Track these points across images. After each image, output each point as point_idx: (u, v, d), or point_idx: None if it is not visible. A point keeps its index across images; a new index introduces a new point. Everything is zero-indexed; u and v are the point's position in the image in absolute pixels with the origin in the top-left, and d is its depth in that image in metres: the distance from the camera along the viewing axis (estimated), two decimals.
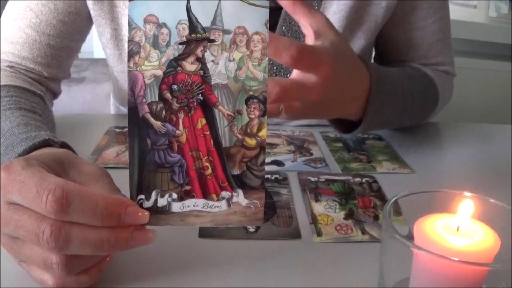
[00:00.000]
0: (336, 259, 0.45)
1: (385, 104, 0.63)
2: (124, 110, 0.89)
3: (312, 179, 0.60)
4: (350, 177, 0.61)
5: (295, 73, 0.53)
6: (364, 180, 0.60)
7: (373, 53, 0.88)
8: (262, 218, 0.40)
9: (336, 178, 0.61)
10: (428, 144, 0.75)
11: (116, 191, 0.39)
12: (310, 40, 0.54)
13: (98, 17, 0.70)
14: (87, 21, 0.72)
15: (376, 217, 0.52)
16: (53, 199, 0.34)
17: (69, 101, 1.77)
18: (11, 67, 0.67)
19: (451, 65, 0.84)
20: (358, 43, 0.75)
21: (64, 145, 0.48)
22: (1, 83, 0.61)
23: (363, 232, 0.49)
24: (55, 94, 0.73)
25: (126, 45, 0.72)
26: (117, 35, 0.72)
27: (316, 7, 0.71)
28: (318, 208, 0.53)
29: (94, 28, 0.76)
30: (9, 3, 0.69)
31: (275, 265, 0.44)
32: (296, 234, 0.48)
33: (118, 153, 0.64)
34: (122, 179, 0.41)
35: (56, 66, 0.71)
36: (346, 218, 0.52)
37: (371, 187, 0.59)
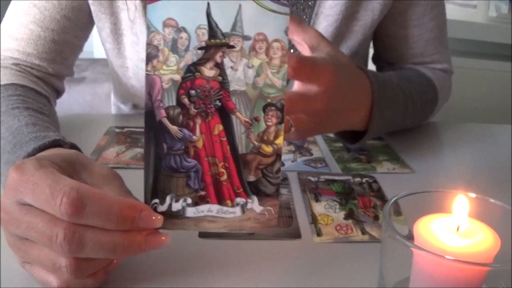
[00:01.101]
0: (336, 259, 0.45)
1: (387, 109, 0.63)
2: (125, 109, 0.89)
3: (312, 179, 0.60)
4: (350, 177, 0.61)
5: (297, 85, 0.54)
6: (364, 180, 0.60)
7: (372, 53, 0.89)
8: (275, 225, 0.40)
9: (336, 178, 0.61)
10: (428, 144, 0.75)
11: (128, 193, 0.39)
12: (306, 54, 0.54)
13: (97, 11, 0.70)
14: (90, 17, 0.72)
15: (376, 217, 0.52)
16: (68, 201, 0.34)
17: (69, 101, 1.77)
18: (16, 64, 0.67)
19: (448, 63, 0.84)
20: (354, 38, 0.75)
21: (73, 147, 0.47)
22: (8, 82, 0.61)
23: (363, 232, 0.49)
24: (59, 93, 0.73)
25: (125, 40, 0.72)
26: (116, 29, 0.72)
27: (312, 2, 0.72)
28: (318, 208, 0.53)
29: (94, 28, 0.76)
30: (12, 2, 0.69)
31: (275, 265, 0.44)
32: (296, 234, 0.48)
33: (118, 153, 0.64)
34: (124, 180, 0.41)
35: (61, 62, 0.71)
36: (346, 218, 0.52)
37: (371, 187, 0.59)
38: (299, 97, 0.52)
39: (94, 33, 0.77)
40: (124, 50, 0.73)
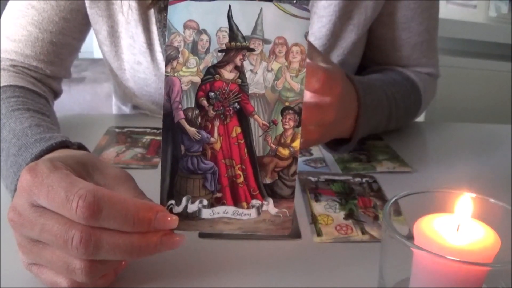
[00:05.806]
0: (336, 259, 0.45)
1: (372, 115, 0.63)
2: (126, 109, 0.89)
3: (312, 179, 0.60)
4: (350, 177, 0.61)
5: (309, 96, 0.53)
6: (364, 180, 0.60)
7: None
8: (290, 227, 0.40)
9: (336, 178, 0.61)
10: (428, 144, 0.75)
11: (142, 194, 0.39)
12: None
13: (94, 14, 0.70)
14: (87, 19, 0.72)
15: (376, 217, 0.52)
16: (84, 205, 0.33)
17: (69, 101, 1.77)
18: (13, 66, 0.67)
19: (434, 67, 0.83)
20: (349, 37, 0.74)
21: (80, 147, 0.47)
22: (6, 83, 0.61)
23: (363, 232, 0.49)
24: (56, 94, 0.73)
25: (122, 42, 0.72)
26: (113, 32, 0.72)
27: (305, 2, 0.72)
28: (318, 208, 0.53)
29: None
30: (10, 2, 0.69)
31: (275, 265, 0.44)
32: (296, 234, 0.48)
33: (118, 153, 0.64)
34: None
35: (59, 64, 0.71)
36: (346, 218, 0.52)
37: (371, 187, 0.59)
38: (315, 108, 0.52)
39: (94, 33, 0.77)
40: (121, 53, 0.73)
